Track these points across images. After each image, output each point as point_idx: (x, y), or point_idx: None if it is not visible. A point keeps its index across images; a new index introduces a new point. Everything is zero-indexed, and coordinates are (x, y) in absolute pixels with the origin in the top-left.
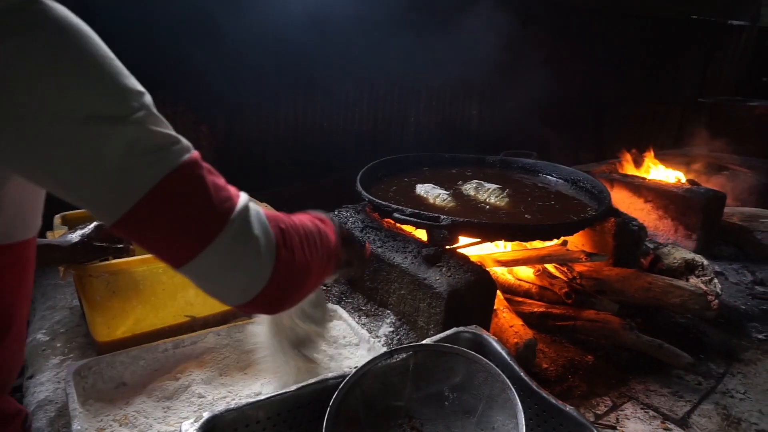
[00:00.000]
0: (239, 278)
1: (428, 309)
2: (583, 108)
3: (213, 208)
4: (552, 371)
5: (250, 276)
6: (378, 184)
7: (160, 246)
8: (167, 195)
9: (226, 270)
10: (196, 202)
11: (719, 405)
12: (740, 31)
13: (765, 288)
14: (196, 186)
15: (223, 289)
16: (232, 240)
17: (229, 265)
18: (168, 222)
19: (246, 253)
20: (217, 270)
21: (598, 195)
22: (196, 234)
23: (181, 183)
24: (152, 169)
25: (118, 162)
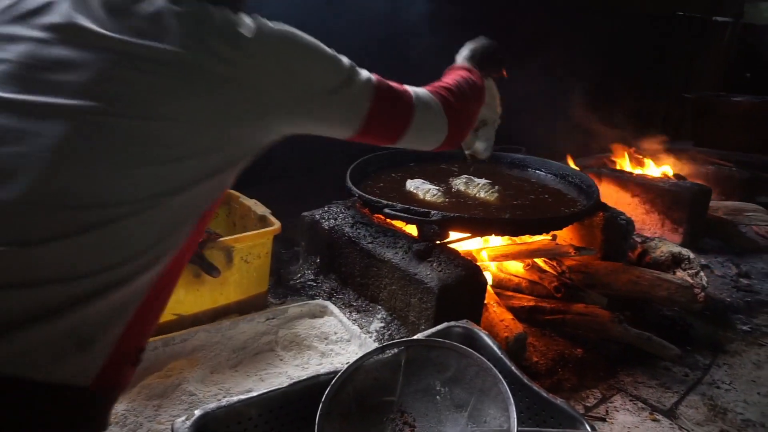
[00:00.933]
0: (432, 134)
1: (419, 304)
2: (569, 103)
3: (404, 101)
4: (542, 364)
5: (437, 129)
6: (367, 180)
7: (383, 135)
8: (379, 105)
9: (424, 131)
10: (395, 101)
11: (706, 396)
12: (724, 27)
13: (749, 281)
14: (389, 91)
15: (425, 143)
16: (420, 113)
17: (424, 128)
18: (385, 119)
19: (429, 117)
20: (419, 134)
21: (587, 189)
22: (402, 118)
23: (381, 95)
24: (364, 98)
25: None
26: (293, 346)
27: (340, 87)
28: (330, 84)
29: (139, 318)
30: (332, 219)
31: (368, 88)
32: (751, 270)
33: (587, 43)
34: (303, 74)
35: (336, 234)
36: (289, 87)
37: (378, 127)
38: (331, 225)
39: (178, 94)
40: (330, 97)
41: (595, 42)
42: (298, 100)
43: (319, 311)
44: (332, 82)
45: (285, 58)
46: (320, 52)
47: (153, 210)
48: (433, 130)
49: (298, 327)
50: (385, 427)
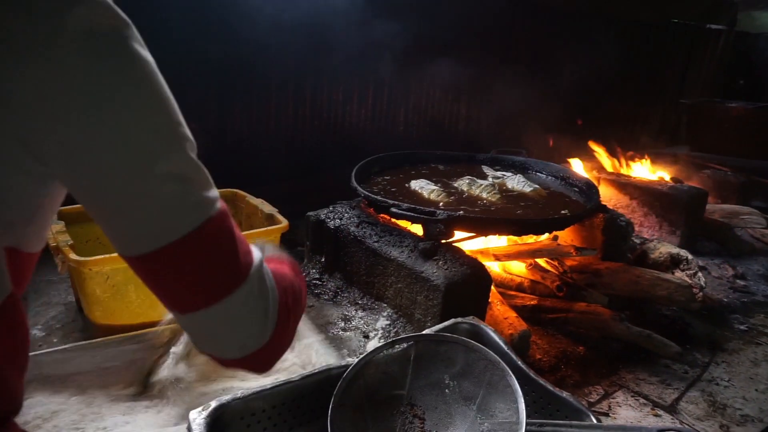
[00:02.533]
0: (242, 334)
1: (425, 301)
2: (569, 108)
3: (237, 262)
4: (545, 362)
5: (253, 333)
6: (372, 180)
7: (173, 290)
8: (201, 241)
9: (233, 325)
10: (225, 253)
11: (705, 392)
12: (718, 35)
13: (745, 282)
14: (228, 236)
15: (222, 343)
16: (247, 296)
17: (237, 320)
18: (192, 269)
19: (256, 311)
20: (224, 323)
21: (587, 191)
22: (217, 285)
23: (215, 231)
24: (194, 214)
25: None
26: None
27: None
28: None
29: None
30: (337, 218)
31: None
32: (747, 272)
33: (585, 50)
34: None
35: (341, 233)
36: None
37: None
38: (337, 224)
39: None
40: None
41: (593, 48)
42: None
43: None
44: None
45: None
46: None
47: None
48: (252, 325)
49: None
50: (395, 419)
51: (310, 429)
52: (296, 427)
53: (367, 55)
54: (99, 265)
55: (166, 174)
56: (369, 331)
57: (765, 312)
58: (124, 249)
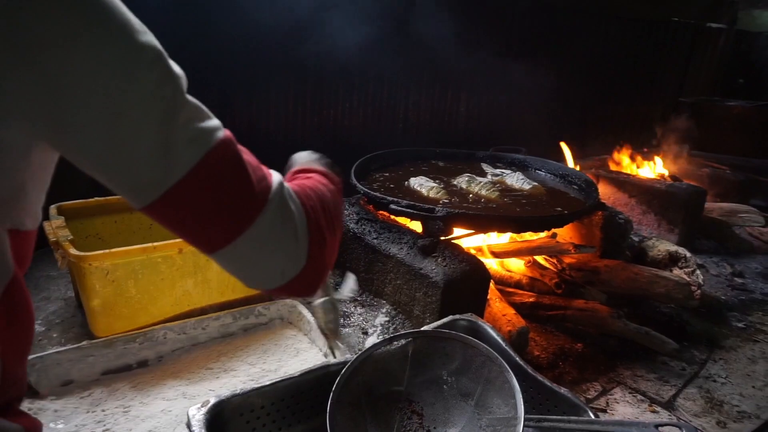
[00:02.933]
0: (278, 261)
1: (424, 298)
2: (568, 106)
3: (252, 189)
4: (543, 358)
5: (288, 258)
6: (371, 177)
7: (196, 230)
8: (206, 175)
9: (265, 253)
10: (236, 182)
11: (703, 389)
12: (718, 33)
13: (743, 280)
14: (235, 165)
15: (261, 273)
16: (271, 222)
17: (268, 248)
18: (206, 205)
19: (284, 235)
20: (256, 253)
21: (586, 189)
22: (236, 216)
23: (220, 162)
24: (191, 147)
25: (156, 137)
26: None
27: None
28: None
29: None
30: None
31: (208, 134)
32: (745, 270)
33: (585, 47)
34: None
35: None
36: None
37: (201, 200)
38: None
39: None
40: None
41: (593, 46)
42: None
43: (287, 311)
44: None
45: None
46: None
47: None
48: (284, 253)
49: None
50: (393, 415)
51: (309, 425)
52: (295, 424)
53: (367, 52)
54: (99, 260)
55: (154, 112)
56: (368, 327)
57: (763, 310)
58: (133, 201)
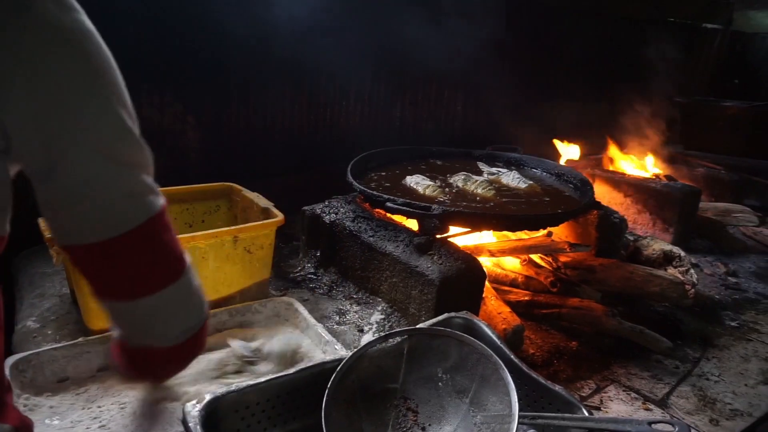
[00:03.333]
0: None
1: (420, 296)
2: (565, 105)
3: (178, 255)
4: (538, 356)
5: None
6: (368, 176)
7: (121, 277)
8: (146, 235)
9: (170, 313)
10: (167, 246)
11: (696, 387)
12: (714, 34)
13: (737, 279)
14: (168, 232)
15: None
16: (186, 287)
17: (175, 308)
18: (138, 259)
19: (191, 302)
20: (163, 310)
21: (582, 188)
22: (160, 274)
23: (157, 227)
24: (140, 211)
25: (118, 200)
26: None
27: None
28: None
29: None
30: (333, 213)
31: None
32: (738, 269)
33: (582, 47)
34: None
35: (337, 228)
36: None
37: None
38: (332, 219)
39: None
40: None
41: (590, 45)
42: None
43: (284, 308)
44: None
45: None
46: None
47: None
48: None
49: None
50: (388, 412)
51: (304, 422)
52: (290, 421)
53: (365, 51)
54: None
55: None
56: (363, 325)
57: (756, 309)
58: (71, 237)
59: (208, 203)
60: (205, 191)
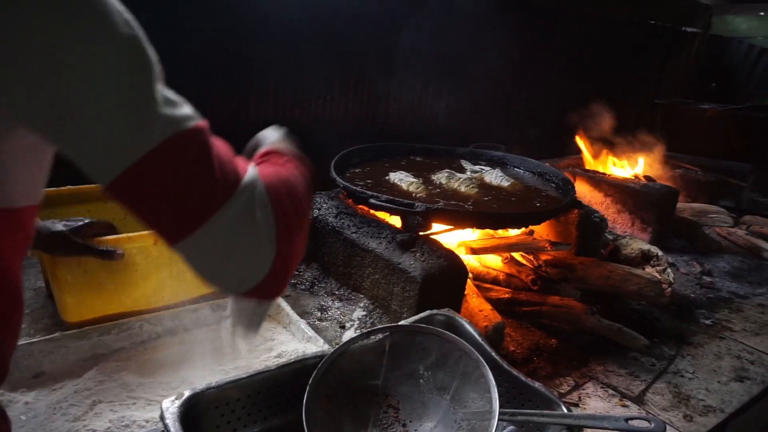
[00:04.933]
0: (238, 264)
1: (402, 293)
2: (546, 105)
3: (214, 179)
4: (518, 353)
5: (249, 262)
6: (351, 172)
7: (154, 216)
8: (169, 157)
9: (224, 252)
10: (198, 170)
11: (671, 384)
12: (693, 37)
13: (712, 278)
14: (201, 153)
15: (218, 276)
16: (233, 219)
17: (227, 246)
18: (166, 189)
19: (246, 237)
20: (214, 251)
21: (563, 187)
22: (195, 207)
23: (185, 148)
24: (159, 127)
25: (127, 112)
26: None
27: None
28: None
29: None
30: (316, 209)
31: (178, 120)
32: (713, 269)
33: (565, 47)
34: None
35: (319, 224)
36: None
37: (160, 185)
38: (315, 215)
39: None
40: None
41: (572, 45)
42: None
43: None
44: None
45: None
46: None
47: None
48: (246, 256)
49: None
50: (369, 409)
51: (285, 418)
52: (271, 417)
53: (349, 47)
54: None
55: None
56: (345, 321)
57: (729, 308)
58: (98, 177)
59: None
60: None
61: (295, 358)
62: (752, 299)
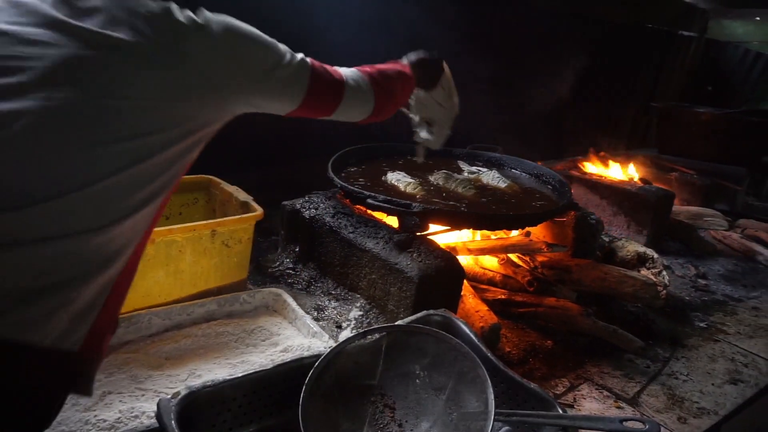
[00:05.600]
0: (361, 105)
1: (399, 293)
2: (543, 108)
3: (336, 78)
4: (514, 354)
5: (364, 101)
6: (349, 172)
7: (321, 108)
8: (316, 81)
9: (354, 104)
10: (328, 78)
11: (665, 386)
12: (689, 41)
13: (706, 281)
14: (323, 70)
15: (355, 114)
16: (350, 89)
17: (354, 101)
18: (320, 96)
19: (358, 92)
20: (350, 106)
21: (560, 189)
22: (335, 93)
23: (316, 77)
24: (303, 76)
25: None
26: (243, 334)
27: (280, 66)
28: (270, 64)
29: (119, 288)
30: (313, 208)
31: (305, 68)
32: (708, 272)
33: (562, 49)
34: (245, 57)
35: (317, 223)
36: (234, 69)
37: (316, 101)
38: (312, 214)
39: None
40: (272, 75)
41: (570, 48)
42: (242, 80)
43: (272, 299)
44: (272, 62)
45: (229, 44)
46: (259, 39)
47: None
48: (362, 102)
49: (257, 317)
50: (366, 409)
51: (281, 418)
52: (267, 416)
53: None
54: None
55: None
56: (342, 321)
57: (723, 311)
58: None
59: (185, 195)
60: (183, 183)
61: (291, 357)
62: (746, 302)
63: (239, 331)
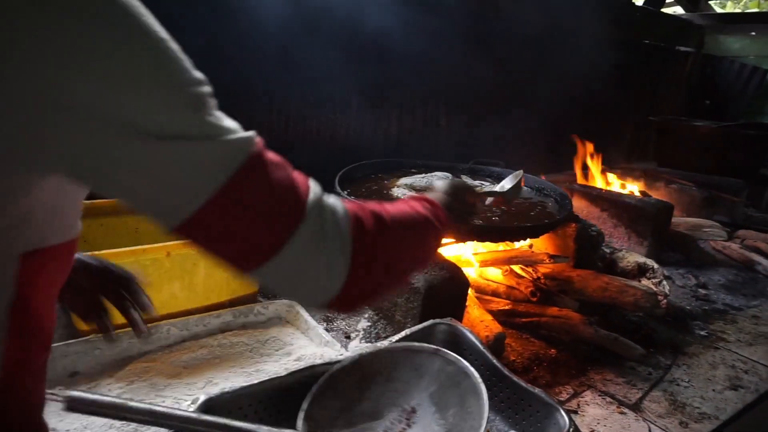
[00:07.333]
0: (318, 272)
1: (406, 303)
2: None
3: (293, 193)
4: (518, 363)
5: (328, 269)
6: (355, 186)
7: (235, 240)
8: (246, 180)
9: (306, 264)
10: (261, 206)
11: (667, 392)
12: (686, 56)
13: (707, 291)
14: (273, 167)
15: (303, 286)
16: (312, 227)
17: (308, 258)
18: (248, 211)
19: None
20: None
21: (561, 201)
22: (278, 222)
23: (243, 185)
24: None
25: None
26: (257, 344)
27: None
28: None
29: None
30: None
31: (238, 149)
32: (708, 281)
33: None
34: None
35: None
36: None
37: (230, 219)
38: None
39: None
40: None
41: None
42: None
43: (285, 310)
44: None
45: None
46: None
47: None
48: (323, 269)
49: (270, 328)
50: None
51: (293, 424)
52: (282, 422)
53: (350, 63)
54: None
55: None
56: (351, 331)
57: (723, 319)
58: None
59: None
60: None
61: (303, 365)
62: (746, 311)
63: (253, 341)
